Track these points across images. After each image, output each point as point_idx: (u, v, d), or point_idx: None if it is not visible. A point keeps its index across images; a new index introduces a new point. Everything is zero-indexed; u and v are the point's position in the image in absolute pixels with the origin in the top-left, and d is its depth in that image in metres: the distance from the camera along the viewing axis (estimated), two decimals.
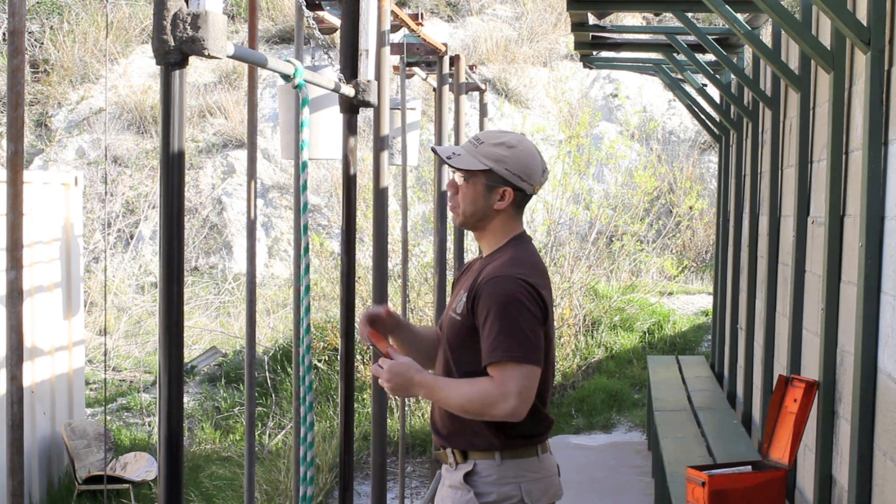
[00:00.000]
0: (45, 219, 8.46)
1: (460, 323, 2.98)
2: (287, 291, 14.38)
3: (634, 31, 9.83)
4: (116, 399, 11.39)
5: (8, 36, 2.54)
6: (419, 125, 8.01)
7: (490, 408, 2.86)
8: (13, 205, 2.55)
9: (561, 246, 13.08)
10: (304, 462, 3.51)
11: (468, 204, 3.02)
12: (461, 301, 3.01)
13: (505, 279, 2.90)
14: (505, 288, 2.88)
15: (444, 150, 3.05)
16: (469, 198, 3.02)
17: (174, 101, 2.44)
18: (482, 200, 3.01)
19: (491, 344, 2.86)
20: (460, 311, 2.99)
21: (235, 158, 16.86)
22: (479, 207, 3.02)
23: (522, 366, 2.84)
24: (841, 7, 3.96)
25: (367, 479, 8.49)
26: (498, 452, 2.96)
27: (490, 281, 2.91)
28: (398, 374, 2.92)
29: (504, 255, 3.01)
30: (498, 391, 2.84)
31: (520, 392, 2.84)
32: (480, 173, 2.99)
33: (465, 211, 3.03)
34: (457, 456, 3.02)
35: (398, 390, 2.95)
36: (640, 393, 11.12)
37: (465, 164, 3.00)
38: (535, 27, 18.78)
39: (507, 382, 2.83)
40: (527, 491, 2.97)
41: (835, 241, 4.60)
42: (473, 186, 3.01)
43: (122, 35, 18.43)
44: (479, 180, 3.00)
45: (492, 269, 2.96)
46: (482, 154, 2.99)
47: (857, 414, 4.01)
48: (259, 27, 6.68)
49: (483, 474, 2.97)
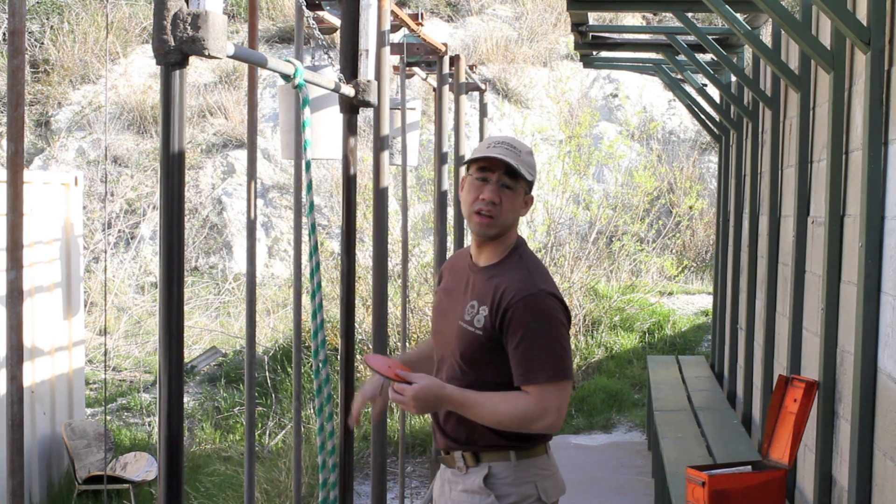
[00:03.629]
0: (45, 219, 8.46)
1: (482, 338, 2.94)
2: (287, 291, 14.38)
3: (634, 31, 9.84)
4: (116, 399, 11.39)
5: (8, 36, 2.54)
6: (419, 125, 8.01)
7: (529, 423, 2.87)
8: (13, 205, 2.55)
9: (561, 246, 13.08)
10: (323, 451, 3.51)
11: (510, 213, 2.98)
12: (479, 315, 2.96)
13: (538, 297, 2.89)
14: (540, 307, 2.88)
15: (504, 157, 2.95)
16: (514, 207, 2.99)
17: (174, 101, 2.44)
18: (519, 210, 3.02)
19: (530, 365, 2.86)
20: (481, 325, 2.94)
21: (235, 158, 16.85)
22: (516, 217, 3.02)
23: (560, 383, 2.86)
24: (841, 7, 3.96)
25: (367, 479, 8.50)
26: (513, 452, 2.96)
27: (523, 300, 2.88)
28: (424, 395, 2.85)
29: (517, 264, 2.99)
30: (537, 408, 2.84)
31: (559, 408, 2.86)
32: (525, 183, 2.99)
33: (507, 221, 2.99)
34: (467, 459, 2.99)
35: (426, 409, 2.89)
36: (640, 393, 11.12)
37: (527, 175, 2.97)
38: (535, 27, 18.78)
39: (546, 400, 2.84)
40: (542, 489, 2.98)
41: (835, 241, 4.60)
42: (517, 196, 2.99)
43: (122, 35, 18.43)
44: (521, 189, 2.99)
45: (514, 283, 2.92)
46: (525, 163, 2.98)
47: (857, 414, 4.01)
48: (259, 27, 6.68)
49: (500, 476, 2.96)
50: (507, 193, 2.96)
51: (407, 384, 2.85)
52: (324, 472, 3.51)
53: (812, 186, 5.47)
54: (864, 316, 3.95)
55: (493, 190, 2.96)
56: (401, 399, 2.86)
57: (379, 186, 4.77)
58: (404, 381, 2.87)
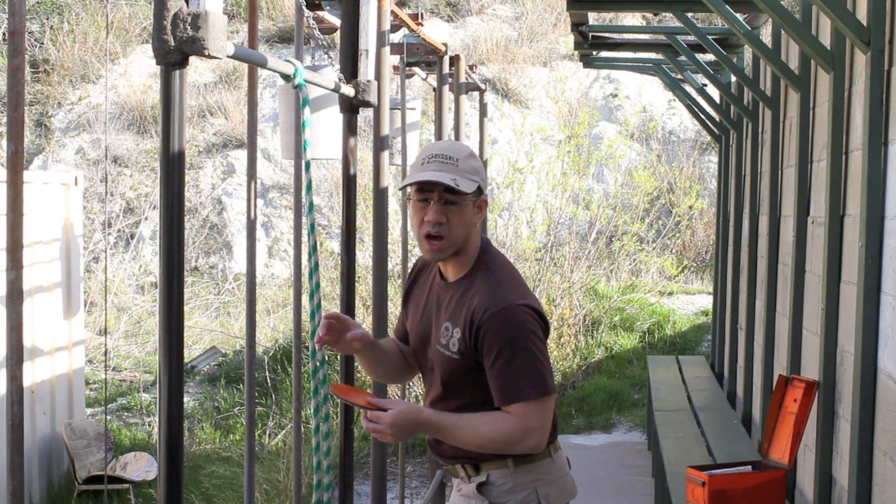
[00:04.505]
0: (45, 219, 8.46)
1: (459, 362, 2.83)
2: (287, 291, 14.38)
3: (634, 31, 9.84)
4: (116, 399, 11.39)
5: (8, 36, 2.54)
6: (419, 125, 8.01)
7: (512, 445, 2.77)
8: (13, 205, 2.55)
9: (561, 246, 13.07)
10: (318, 452, 3.50)
11: (459, 228, 2.81)
12: (454, 338, 2.83)
13: (510, 311, 2.74)
14: (514, 321, 2.74)
15: (440, 176, 2.76)
16: (463, 222, 2.82)
17: (174, 101, 2.44)
18: (470, 220, 2.84)
19: (508, 385, 2.74)
20: (456, 349, 2.82)
21: (235, 158, 16.86)
22: (469, 229, 2.84)
23: (542, 400, 2.75)
24: (841, 7, 3.96)
25: (367, 479, 8.49)
26: (510, 459, 2.86)
27: (495, 315, 2.74)
28: (402, 422, 2.71)
29: (486, 276, 2.84)
30: (519, 428, 2.74)
31: (542, 426, 2.76)
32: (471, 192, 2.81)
33: (458, 238, 2.82)
34: (468, 470, 2.92)
35: (404, 436, 2.76)
36: (640, 393, 11.12)
37: (467, 187, 2.79)
38: (535, 27, 18.78)
39: (528, 419, 2.74)
40: (544, 495, 2.89)
41: (835, 241, 4.60)
42: (464, 208, 2.82)
43: (122, 35, 18.43)
44: (467, 199, 2.81)
45: (486, 298, 2.78)
46: (466, 171, 2.80)
47: (857, 414, 4.01)
48: (259, 27, 6.68)
49: (497, 484, 2.88)
50: (451, 209, 2.80)
51: (381, 411, 2.70)
52: (318, 474, 3.50)
53: (812, 186, 5.47)
54: (864, 316, 3.95)
55: (437, 210, 2.79)
56: (376, 428, 2.71)
57: (379, 186, 4.77)
58: (378, 408, 2.71)
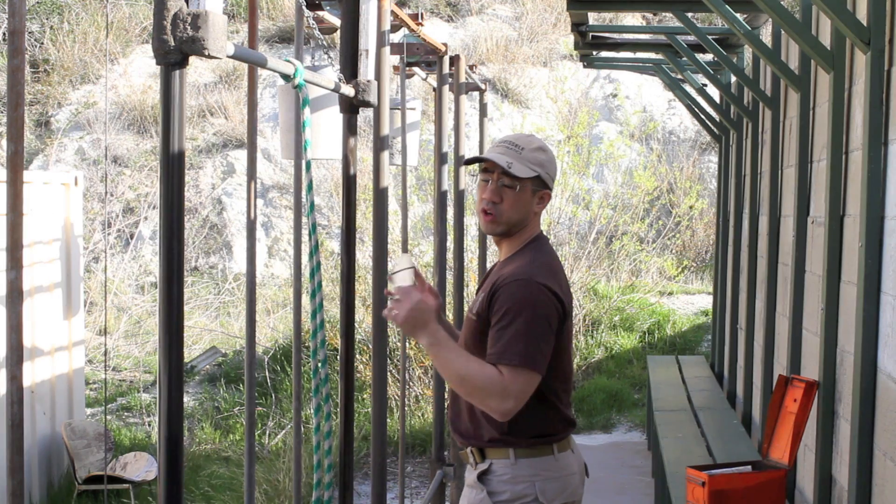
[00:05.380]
0: (45, 219, 8.46)
1: (476, 323, 2.99)
2: (287, 291, 14.38)
3: (634, 31, 9.84)
4: (116, 399, 11.39)
5: (8, 36, 2.54)
6: (419, 125, 8.00)
7: (486, 396, 2.86)
8: (13, 205, 2.55)
9: (561, 246, 13.08)
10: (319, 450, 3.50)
11: (515, 211, 3.02)
12: (479, 301, 3.02)
13: (527, 283, 2.91)
14: (526, 292, 2.89)
15: (497, 157, 3.01)
16: (517, 205, 3.02)
17: (174, 101, 2.44)
18: (527, 206, 3.04)
19: (503, 344, 2.86)
20: (476, 310, 3.01)
21: (235, 158, 16.86)
22: (524, 214, 3.04)
23: (529, 371, 2.86)
24: (841, 7, 3.96)
25: (367, 479, 8.50)
26: (512, 450, 2.99)
27: (512, 283, 2.92)
28: (420, 309, 2.88)
29: (525, 256, 3.02)
30: (500, 386, 2.83)
31: (518, 395, 2.85)
32: (528, 179, 3.01)
33: (511, 219, 3.03)
34: (475, 455, 3.04)
35: (407, 324, 2.89)
36: (640, 393, 11.12)
37: (522, 173, 3.00)
38: (535, 27, 18.78)
39: (510, 383, 2.84)
40: (541, 489, 2.99)
41: (835, 241, 4.60)
42: (522, 194, 3.02)
43: (122, 35, 18.43)
44: (527, 186, 3.02)
45: (513, 270, 2.96)
46: (528, 160, 3.02)
47: (857, 414, 4.01)
48: (259, 27, 6.68)
49: (498, 473, 2.99)
50: (507, 192, 3.01)
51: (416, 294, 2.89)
52: (318, 472, 3.51)
53: (812, 186, 5.47)
54: (864, 316, 3.96)
55: (494, 190, 3.03)
56: (397, 303, 2.90)
57: (379, 186, 4.77)
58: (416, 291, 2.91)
